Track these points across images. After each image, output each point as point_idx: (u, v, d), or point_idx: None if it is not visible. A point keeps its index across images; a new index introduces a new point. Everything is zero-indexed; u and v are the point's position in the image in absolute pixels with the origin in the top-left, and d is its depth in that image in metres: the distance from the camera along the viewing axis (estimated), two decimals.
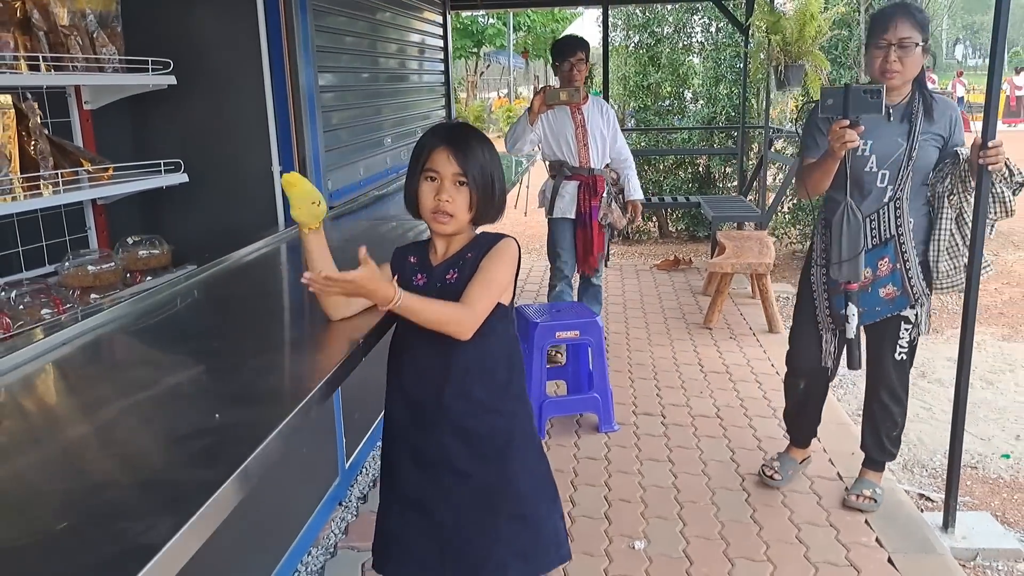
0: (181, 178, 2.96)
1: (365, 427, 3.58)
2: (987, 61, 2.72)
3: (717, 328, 5.38)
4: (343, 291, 1.67)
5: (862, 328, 2.86)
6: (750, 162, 7.78)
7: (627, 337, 5.27)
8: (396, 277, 1.93)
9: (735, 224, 7.19)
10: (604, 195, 4.35)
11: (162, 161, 2.90)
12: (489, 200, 1.85)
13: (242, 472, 1.10)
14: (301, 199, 1.80)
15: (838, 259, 2.75)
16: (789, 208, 7.47)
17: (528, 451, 1.97)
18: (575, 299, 4.60)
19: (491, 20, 29.86)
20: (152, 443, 1.27)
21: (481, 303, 1.79)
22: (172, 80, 2.93)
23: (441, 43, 5.72)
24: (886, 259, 2.78)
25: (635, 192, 4.55)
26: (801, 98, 6.79)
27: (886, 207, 2.76)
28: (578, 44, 4.35)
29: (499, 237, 1.90)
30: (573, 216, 4.38)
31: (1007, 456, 3.77)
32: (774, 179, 7.08)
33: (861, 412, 3.80)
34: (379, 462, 3.64)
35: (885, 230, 2.76)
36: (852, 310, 2.78)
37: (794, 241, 7.64)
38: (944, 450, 3.75)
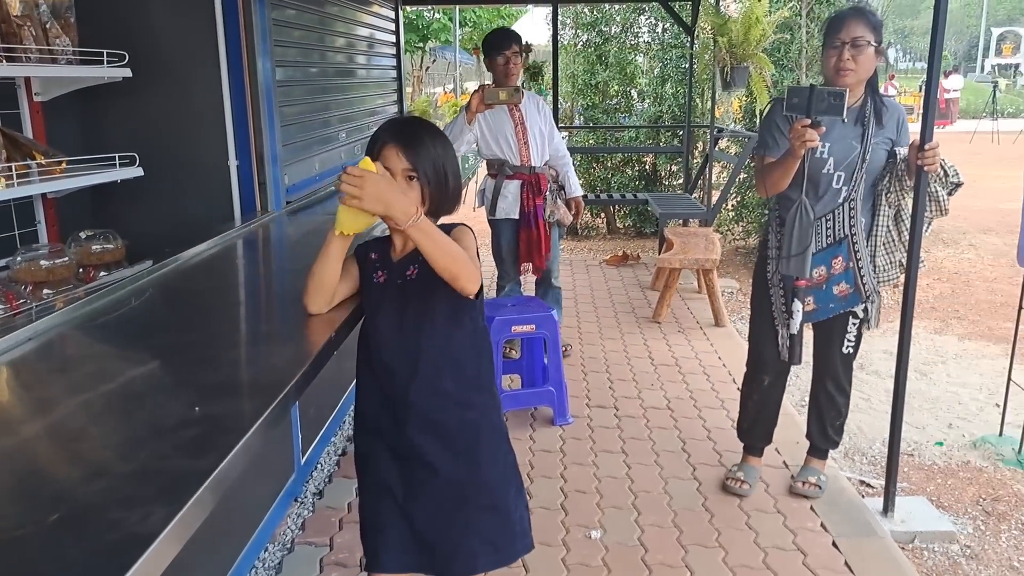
0: (136, 172, 2.94)
1: (320, 423, 3.59)
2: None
3: (666, 322, 5.50)
4: (367, 193, 1.63)
5: (807, 324, 2.97)
6: (695, 160, 7.94)
7: (579, 331, 5.35)
8: (360, 272, 1.96)
9: (680, 221, 7.33)
10: (547, 193, 4.32)
11: (117, 155, 2.87)
12: (443, 193, 1.86)
13: (231, 460, 1.12)
14: None
15: (787, 254, 2.85)
16: (733, 206, 7.65)
17: (498, 443, 2.00)
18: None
19: (437, 15, 29.73)
20: (136, 435, 1.28)
21: (475, 263, 1.80)
22: (127, 73, 2.90)
23: (393, 38, 5.73)
24: (840, 258, 2.88)
25: (575, 189, 4.52)
26: (745, 98, 6.96)
27: (841, 207, 2.86)
28: (512, 36, 4.24)
29: (453, 227, 1.92)
30: (517, 216, 4.30)
31: (940, 444, 3.94)
32: (718, 177, 7.24)
33: (804, 403, 3.94)
34: (334, 457, 3.69)
35: (839, 230, 2.87)
36: (797, 306, 2.88)
37: (737, 238, 7.83)
38: (882, 439, 3.92)
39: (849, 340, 3.04)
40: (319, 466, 3.58)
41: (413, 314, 1.86)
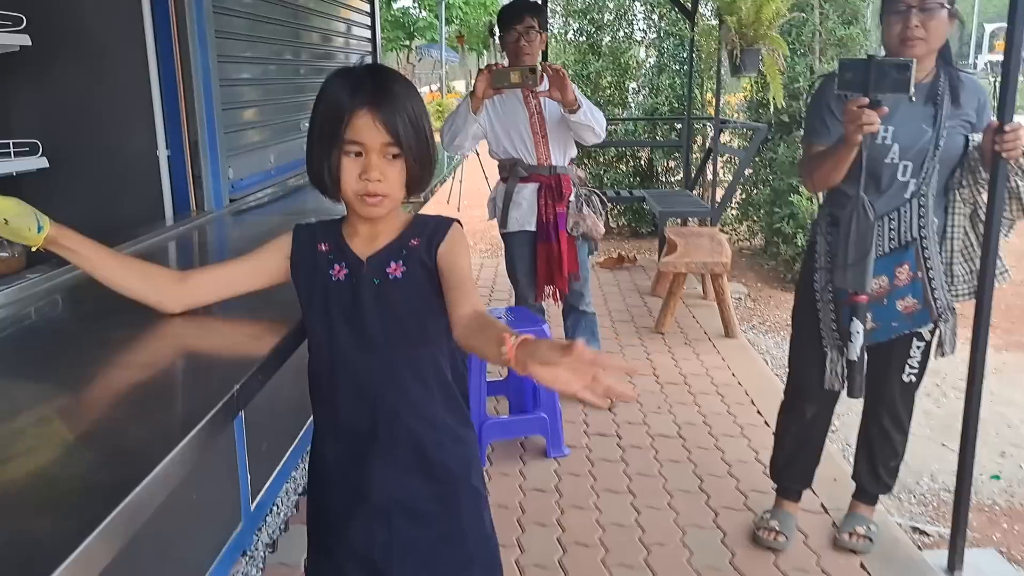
0: (38, 163, 2.39)
1: (275, 459, 3.03)
2: None
3: (670, 333, 4.96)
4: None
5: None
6: (694, 155, 7.42)
7: None
8: (296, 265, 1.49)
9: (677, 220, 6.79)
10: (572, 199, 3.51)
11: (12, 141, 2.31)
12: (427, 167, 1.43)
13: (151, 483, 0.88)
14: None
15: (843, 263, 2.32)
16: (737, 202, 7.13)
17: (483, 481, 1.62)
18: (564, 335, 3.89)
19: (423, 13, 29.25)
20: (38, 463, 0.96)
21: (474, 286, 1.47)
22: (25, 40, 2.35)
23: (368, 20, 5.18)
24: (906, 266, 2.35)
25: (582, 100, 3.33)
26: (751, 86, 6.42)
27: (908, 204, 2.34)
28: (526, 8, 3.45)
29: (444, 223, 1.50)
30: (533, 228, 3.52)
31: (997, 477, 3.42)
32: (723, 172, 6.73)
33: (835, 429, 3.43)
34: (292, 498, 3.14)
35: (905, 232, 2.34)
36: (857, 327, 2.35)
37: (742, 238, 7.30)
38: (929, 472, 3.42)
39: (912, 366, 2.52)
40: (273, 510, 3.03)
41: (400, 323, 1.45)
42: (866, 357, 2.45)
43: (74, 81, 2.57)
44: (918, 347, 2.49)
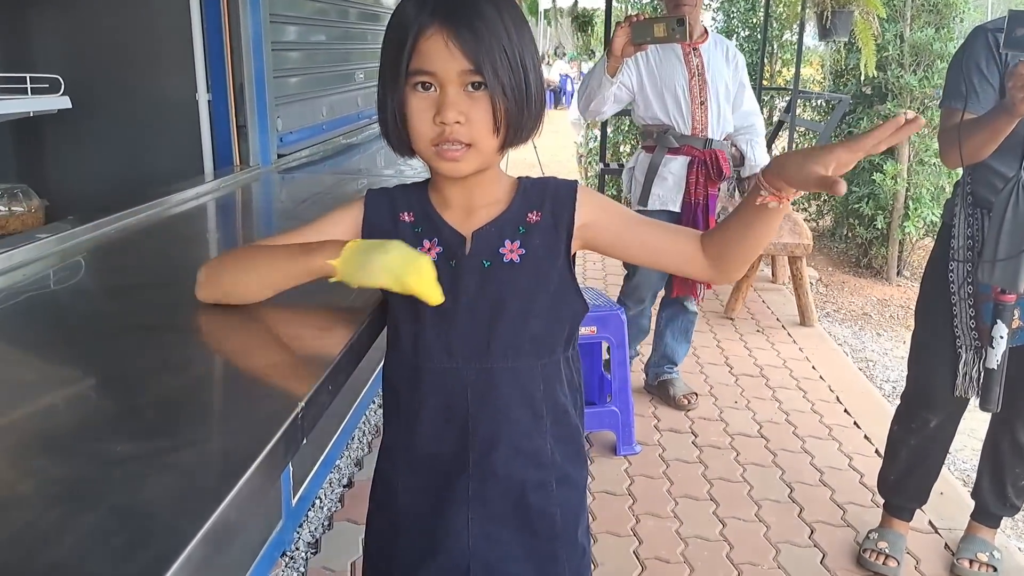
0: (59, 102, 2.07)
1: (320, 445, 2.74)
2: None
3: (740, 319, 4.59)
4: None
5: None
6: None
7: None
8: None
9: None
10: (728, 178, 3.04)
11: (29, 75, 2.00)
12: (529, 106, 1.04)
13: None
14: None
15: (992, 256, 1.95)
16: None
17: (588, 534, 1.26)
18: (653, 326, 3.49)
19: None
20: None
21: None
22: None
23: None
24: None
25: (759, 161, 3.08)
26: (837, 51, 5.94)
27: None
28: None
29: (565, 187, 1.15)
30: (677, 208, 3.03)
31: None
32: (798, 146, 6.28)
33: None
34: (337, 490, 2.85)
35: None
36: (1000, 330, 1.99)
37: (809, 218, 6.87)
38: None
39: None
40: (316, 504, 2.74)
41: (510, 323, 1.10)
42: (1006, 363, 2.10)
43: (102, 7, 2.25)
44: None
